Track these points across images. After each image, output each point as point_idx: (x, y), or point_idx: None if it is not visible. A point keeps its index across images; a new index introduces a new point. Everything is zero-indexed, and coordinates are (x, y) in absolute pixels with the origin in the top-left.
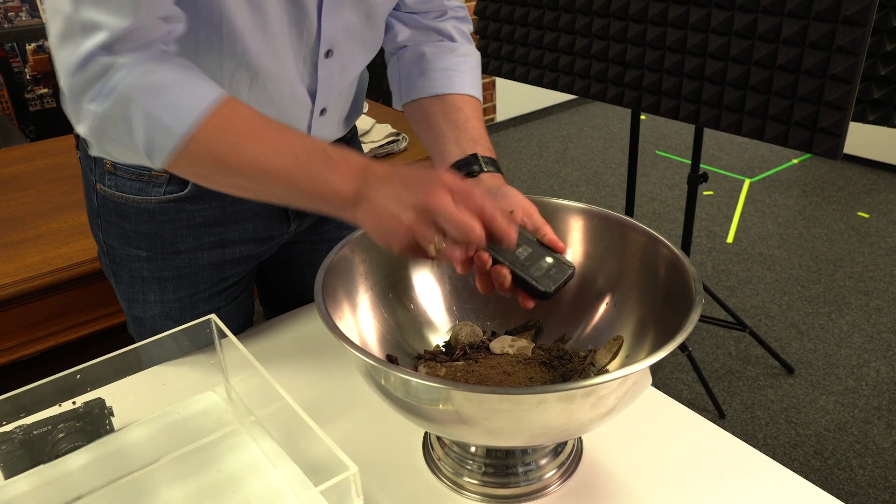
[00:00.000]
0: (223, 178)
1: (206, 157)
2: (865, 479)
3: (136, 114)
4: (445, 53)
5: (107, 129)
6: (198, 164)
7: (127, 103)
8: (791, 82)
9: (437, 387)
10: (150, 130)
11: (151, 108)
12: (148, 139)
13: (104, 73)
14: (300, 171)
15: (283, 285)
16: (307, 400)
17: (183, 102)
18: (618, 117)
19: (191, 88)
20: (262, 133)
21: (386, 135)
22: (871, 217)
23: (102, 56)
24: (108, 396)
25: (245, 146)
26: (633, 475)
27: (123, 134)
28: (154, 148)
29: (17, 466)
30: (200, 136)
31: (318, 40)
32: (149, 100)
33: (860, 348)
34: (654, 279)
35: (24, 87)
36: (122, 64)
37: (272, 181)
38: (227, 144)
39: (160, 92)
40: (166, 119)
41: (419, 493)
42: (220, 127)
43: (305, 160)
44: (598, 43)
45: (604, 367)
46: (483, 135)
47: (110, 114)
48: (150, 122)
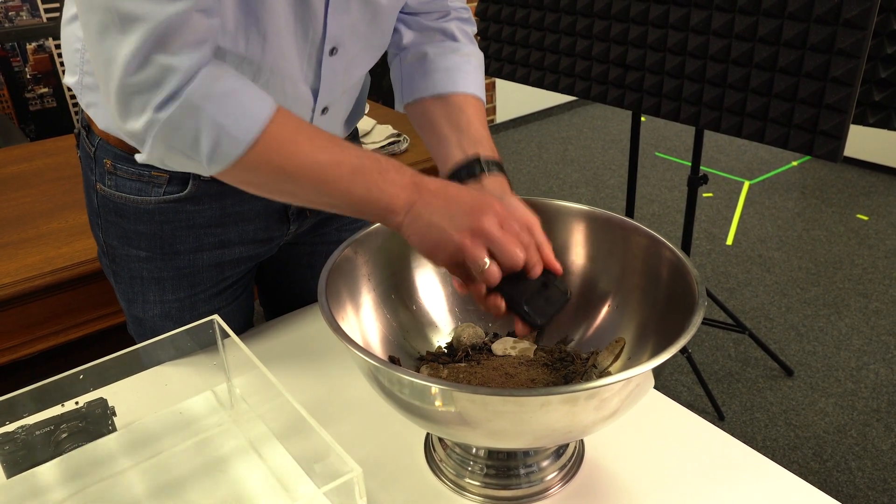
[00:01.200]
0: (279, 185)
1: (266, 164)
2: (864, 482)
3: (205, 122)
4: (448, 53)
5: (170, 135)
6: (255, 171)
7: (196, 112)
8: (792, 85)
9: (441, 388)
10: (216, 138)
11: (220, 117)
12: (213, 147)
13: (164, 76)
14: (356, 179)
15: (283, 286)
16: (309, 400)
17: (248, 111)
18: (617, 119)
19: (252, 97)
20: (319, 143)
21: (387, 136)
22: (871, 219)
23: (160, 54)
24: (110, 396)
25: (303, 154)
26: (634, 477)
27: (187, 141)
28: (217, 156)
29: (20, 466)
30: (263, 144)
31: (324, 37)
32: (216, 108)
33: (859, 350)
34: (657, 281)
35: (25, 86)
36: (186, 68)
37: (327, 189)
38: (288, 152)
39: (227, 100)
40: (233, 127)
41: (421, 495)
42: (280, 136)
43: (361, 169)
44: (599, 45)
45: (606, 370)
46: (486, 136)
47: (176, 121)
48: (218, 130)
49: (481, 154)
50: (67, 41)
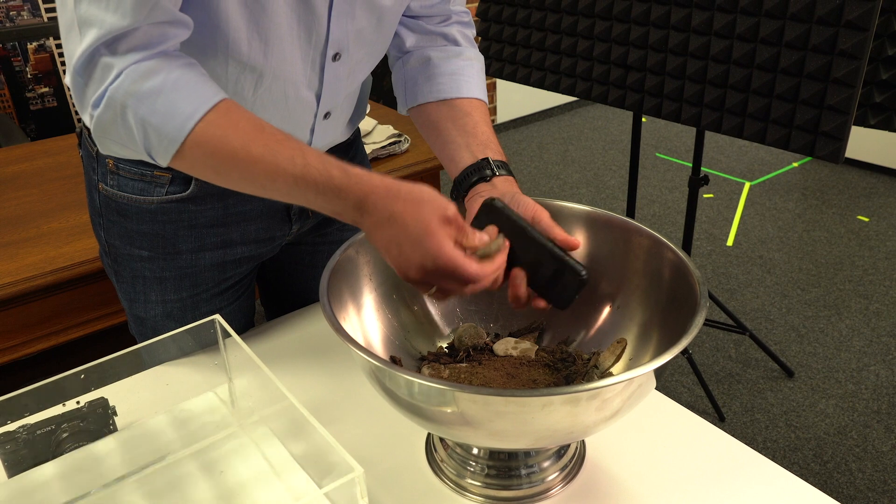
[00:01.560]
0: (225, 180)
1: (203, 165)
2: (864, 483)
3: (132, 120)
4: (452, 58)
5: (106, 131)
6: (197, 169)
7: (121, 109)
8: (793, 86)
9: (443, 388)
10: (146, 135)
11: (146, 115)
12: (146, 143)
13: (103, 74)
14: (294, 195)
15: (285, 286)
16: (309, 400)
17: (178, 109)
18: (618, 120)
19: (185, 93)
20: (256, 153)
21: (388, 136)
22: (871, 221)
23: (105, 55)
24: (111, 396)
25: (238, 164)
26: (635, 478)
27: (122, 136)
28: (153, 151)
29: (21, 465)
30: (196, 143)
31: (327, 43)
32: (142, 106)
33: (860, 352)
34: (659, 282)
35: (26, 85)
36: (120, 67)
37: (269, 195)
38: (222, 158)
39: (154, 98)
40: (162, 126)
41: (421, 495)
42: (214, 139)
43: (296, 189)
44: (600, 45)
45: (607, 370)
46: (493, 138)
47: (106, 118)
48: (147, 127)
49: (490, 156)
50: None
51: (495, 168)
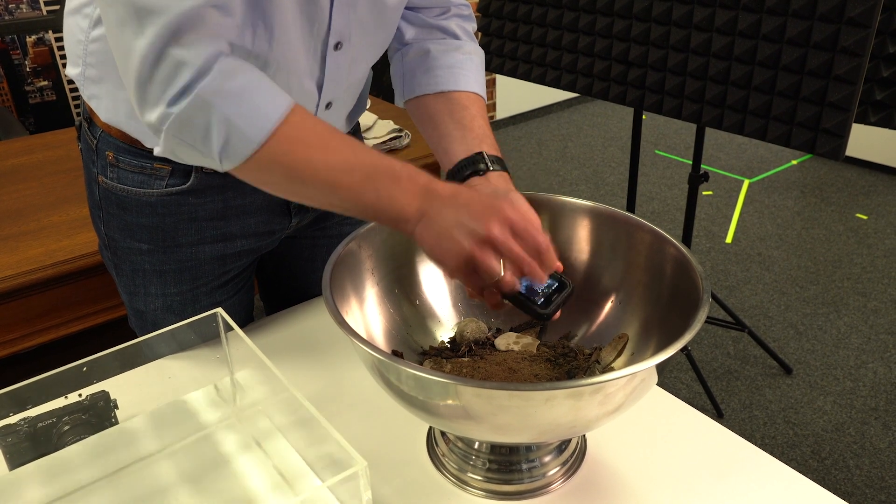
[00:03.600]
0: (291, 186)
1: (278, 165)
2: (862, 480)
3: (215, 119)
4: (451, 51)
5: (182, 130)
6: (268, 171)
7: (207, 108)
8: (794, 83)
9: (447, 382)
10: (227, 136)
11: (231, 114)
12: (224, 144)
13: (177, 69)
14: (368, 185)
15: (284, 280)
16: (311, 394)
17: (261, 109)
18: (617, 116)
19: (267, 95)
20: (334, 145)
21: (388, 131)
22: (870, 218)
23: (173, 47)
24: (112, 389)
25: (316, 158)
26: (635, 472)
27: (198, 137)
28: (228, 153)
29: (22, 458)
30: (275, 144)
31: (329, 32)
32: (228, 105)
33: (858, 349)
34: (661, 278)
35: (25, 79)
36: (199, 63)
37: (339, 193)
38: (299, 154)
39: (239, 97)
40: (244, 125)
41: (423, 489)
42: (293, 136)
43: (374, 175)
44: (601, 41)
45: (609, 365)
46: (488, 133)
47: (187, 116)
48: (229, 127)
49: (485, 151)
50: (70, 32)
51: (490, 163)
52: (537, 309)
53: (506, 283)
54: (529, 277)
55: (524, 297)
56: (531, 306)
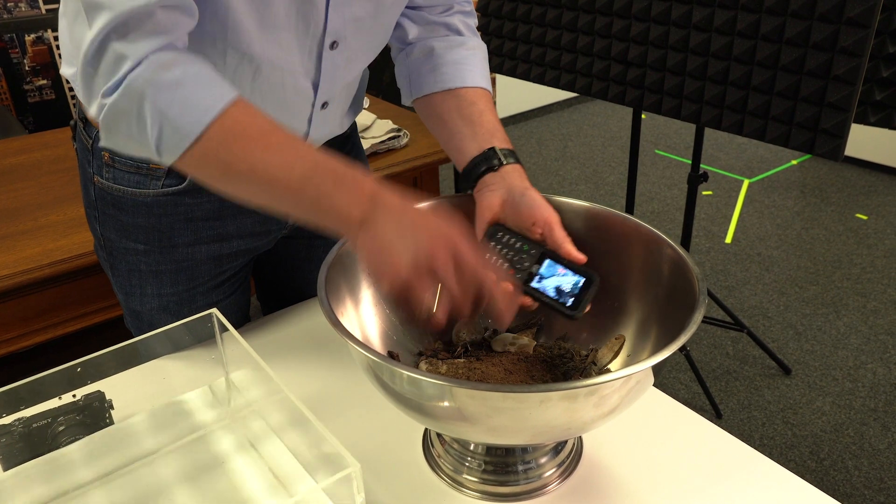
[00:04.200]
0: (230, 183)
1: (216, 160)
2: (861, 481)
3: (148, 110)
4: (455, 47)
5: (117, 121)
6: (206, 166)
7: (139, 98)
8: (794, 83)
9: (441, 384)
10: (161, 128)
11: (164, 106)
12: (158, 136)
13: (117, 62)
14: (307, 184)
15: (281, 280)
16: (306, 395)
17: (197, 102)
18: (617, 116)
19: (205, 87)
20: (274, 142)
21: (387, 130)
22: (870, 219)
23: (116, 41)
24: (107, 389)
25: (255, 154)
26: (632, 474)
27: (133, 128)
28: (163, 146)
29: (17, 459)
30: (212, 138)
31: (324, 31)
32: (162, 97)
33: (857, 350)
34: (657, 278)
35: (23, 78)
36: (137, 56)
37: (278, 193)
38: (237, 149)
39: (174, 89)
40: (179, 118)
41: (418, 490)
42: (232, 130)
43: (314, 175)
44: (600, 41)
45: (605, 367)
46: (498, 127)
47: (121, 106)
48: (163, 119)
49: (497, 146)
50: (65, 32)
51: (503, 157)
52: (567, 311)
53: (436, 320)
54: (457, 314)
55: (553, 300)
56: (561, 309)
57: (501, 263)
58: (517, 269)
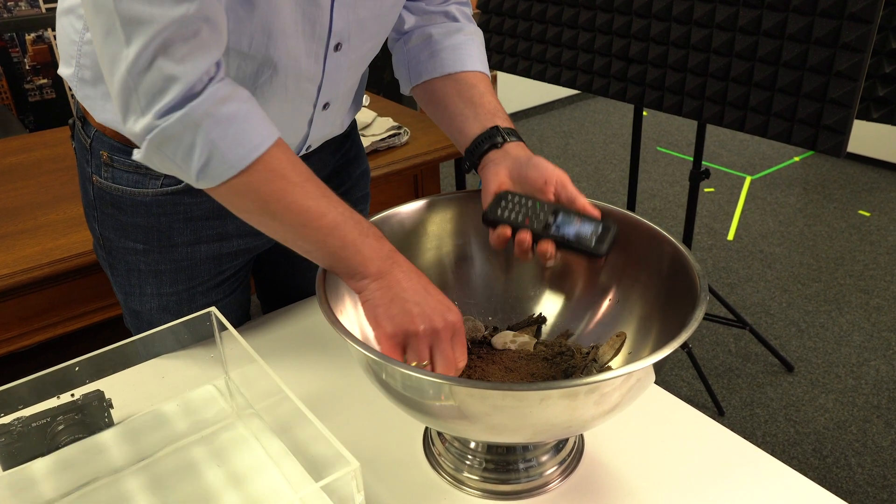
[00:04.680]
0: (261, 217)
1: (253, 193)
2: (864, 478)
3: (201, 140)
4: (453, 33)
5: (166, 144)
6: (243, 197)
7: (194, 128)
8: (795, 79)
9: (440, 382)
10: (208, 157)
11: (217, 138)
12: (204, 164)
13: (167, 83)
14: (336, 232)
15: (281, 279)
16: (307, 394)
17: (248, 138)
18: (619, 113)
19: (255, 125)
20: (310, 187)
21: (387, 128)
22: (873, 215)
23: (163, 60)
24: (107, 389)
25: (291, 194)
26: (634, 472)
27: (179, 153)
28: (206, 174)
29: (16, 458)
30: (254, 172)
31: (329, 34)
32: (217, 130)
33: (860, 347)
34: (658, 276)
35: (24, 77)
36: (189, 79)
37: (306, 234)
38: (276, 187)
39: (229, 124)
40: (228, 151)
41: (419, 489)
42: (275, 170)
43: (344, 224)
44: (601, 38)
45: (606, 364)
46: (499, 108)
47: (173, 132)
48: (213, 150)
49: (499, 124)
50: (63, 32)
51: (506, 135)
52: (591, 249)
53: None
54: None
55: (575, 240)
56: (585, 247)
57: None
58: (532, 219)
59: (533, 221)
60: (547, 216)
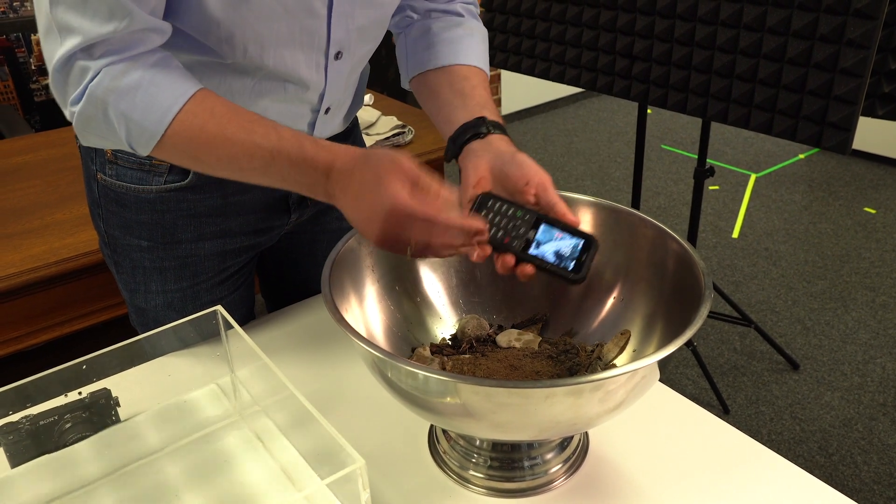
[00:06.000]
0: (203, 169)
1: (184, 152)
2: (870, 476)
3: (112, 114)
4: (452, 27)
5: (87, 125)
6: (177, 157)
7: (103, 105)
8: (800, 76)
9: (445, 380)
10: (128, 129)
11: (126, 109)
12: (127, 135)
13: (82, 73)
14: (271, 170)
15: (285, 276)
16: (312, 392)
17: (157, 102)
18: (623, 111)
19: (164, 88)
20: (232, 134)
21: (391, 127)
22: (878, 213)
23: (81, 59)
24: (113, 387)
25: (217, 146)
26: (639, 470)
27: (103, 130)
28: (134, 143)
29: (24, 456)
30: (176, 134)
31: (328, 44)
32: (122, 102)
33: (866, 344)
34: (663, 273)
35: (30, 77)
36: (97, 68)
37: (247, 176)
38: (200, 144)
39: (134, 93)
40: (143, 120)
41: (424, 487)
42: (192, 127)
43: (273, 162)
44: (605, 35)
45: (611, 362)
46: (490, 101)
47: (88, 113)
48: (128, 122)
49: (486, 116)
50: None
51: (490, 127)
52: (570, 276)
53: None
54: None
55: (554, 266)
56: (563, 274)
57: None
58: (513, 237)
59: (513, 240)
60: (528, 230)
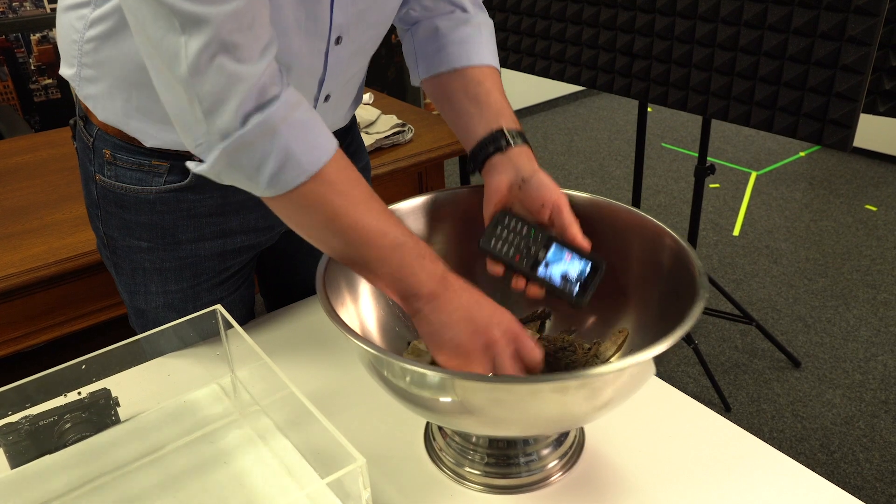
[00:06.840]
0: (322, 233)
1: (320, 204)
2: (872, 473)
3: (276, 145)
4: (459, 25)
5: (240, 151)
6: (308, 209)
7: (272, 134)
8: (801, 73)
9: (436, 375)
10: (282, 164)
11: (292, 143)
12: (276, 171)
13: (235, 85)
14: (395, 252)
15: (284, 276)
16: (310, 391)
17: (318, 143)
18: (623, 109)
19: (323, 130)
20: (375, 204)
21: (391, 125)
22: (879, 210)
23: (224, 58)
24: (113, 387)
25: (356, 211)
26: (635, 466)
27: (254, 161)
28: (278, 181)
29: (24, 456)
30: (322, 181)
31: (330, 28)
32: (292, 135)
33: (867, 342)
34: (660, 271)
35: (29, 77)
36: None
37: (366, 252)
38: (342, 202)
39: (301, 128)
40: (302, 156)
41: (421, 484)
42: (336, 181)
43: (403, 245)
44: (605, 33)
45: (608, 360)
46: (506, 106)
47: (250, 138)
48: (287, 156)
49: (504, 126)
50: (64, 31)
51: (510, 138)
52: (572, 300)
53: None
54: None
55: (558, 289)
56: (566, 297)
57: (508, 250)
58: (523, 256)
59: (523, 259)
60: (538, 250)
